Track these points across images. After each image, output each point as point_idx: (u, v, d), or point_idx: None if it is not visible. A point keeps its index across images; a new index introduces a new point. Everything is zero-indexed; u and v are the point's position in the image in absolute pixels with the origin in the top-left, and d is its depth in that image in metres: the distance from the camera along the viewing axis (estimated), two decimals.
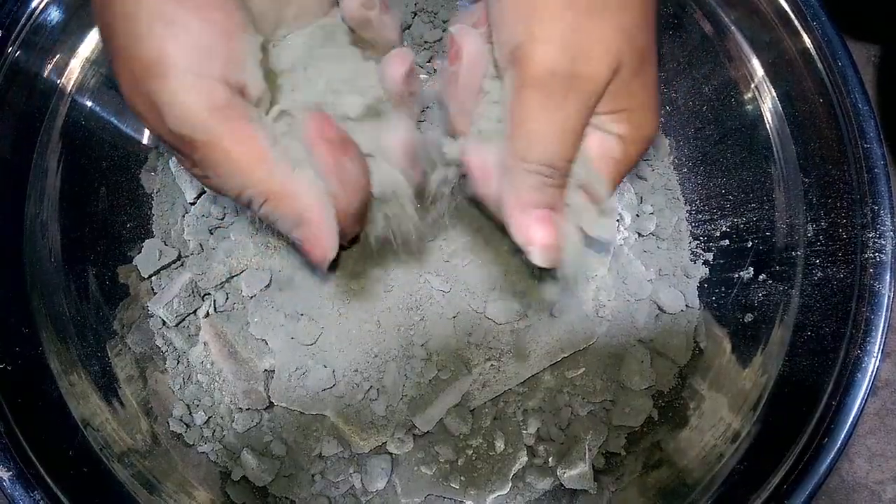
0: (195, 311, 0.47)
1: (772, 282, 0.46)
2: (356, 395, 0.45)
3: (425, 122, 0.49)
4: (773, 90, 0.46)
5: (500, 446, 0.46)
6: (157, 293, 0.47)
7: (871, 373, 0.39)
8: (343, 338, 0.45)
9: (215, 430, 0.46)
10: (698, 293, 0.49)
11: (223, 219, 0.48)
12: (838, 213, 0.43)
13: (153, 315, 0.47)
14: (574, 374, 0.47)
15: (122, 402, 0.45)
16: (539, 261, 0.34)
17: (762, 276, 0.46)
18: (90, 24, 0.45)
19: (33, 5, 0.43)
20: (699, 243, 0.50)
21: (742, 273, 0.47)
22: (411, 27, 0.52)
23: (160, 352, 0.47)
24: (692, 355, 0.48)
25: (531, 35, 0.30)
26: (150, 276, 0.48)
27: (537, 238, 0.33)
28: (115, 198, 0.48)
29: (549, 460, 0.46)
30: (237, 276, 0.47)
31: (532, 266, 0.35)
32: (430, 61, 0.52)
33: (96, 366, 0.44)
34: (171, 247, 0.48)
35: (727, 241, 0.49)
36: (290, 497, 0.45)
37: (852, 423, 0.38)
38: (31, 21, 0.43)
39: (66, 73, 0.45)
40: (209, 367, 0.46)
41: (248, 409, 0.45)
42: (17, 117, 0.43)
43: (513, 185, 0.33)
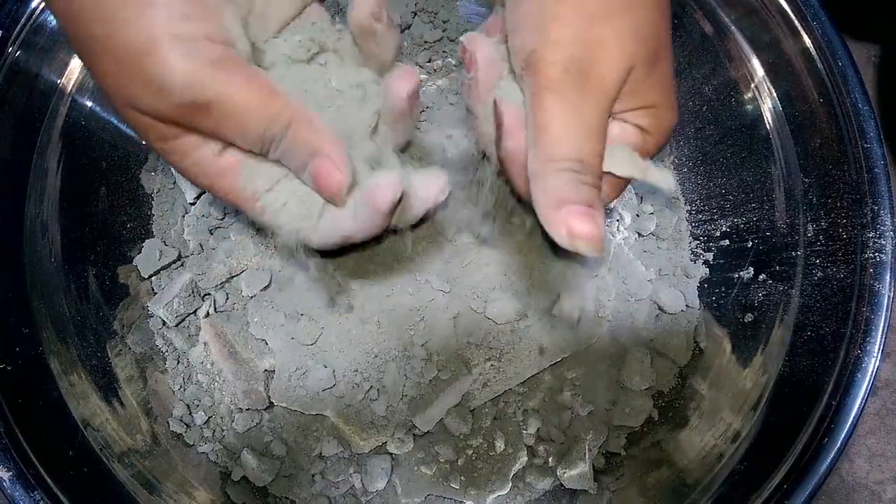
0: (195, 312, 0.47)
1: (772, 282, 0.46)
2: (356, 395, 0.45)
3: (425, 121, 0.49)
4: (773, 90, 0.46)
5: (501, 446, 0.46)
6: (157, 293, 0.47)
7: (871, 373, 0.39)
8: (343, 338, 0.45)
9: (215, 431, 0.46)
10: (698, 293, 0.49)
11: (223, 219, 0.48)
12: (838, 213, 0.43)
13: (153, 315, 0.47)
14: (574, 374, 0.47)
15: (122, 403, 0.45)
16: (589, 253, 0.32)
17: (762, 276, 0.46)
18: None
19: (33, 5, 0.43)
20: (699, 243, 0.50)
21: (742, 273, 0.47)
22: (411, 27, 0.52)
23: (160, 352, 0.47)
24: (692, 355, 0.48)
25: (544, 39, 0.31)
26: (151, 277, 0.48)
27: (582, 231, 0.31)
28: (115, 198, 0.48)
29: (550, 460, 0.46)
30: (237, 277, 0.47)
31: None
32: (430, 61, 0.52)
33: (96, 366, 0.44)
34: (171, 247, 0.48)
35: (727, 241, 0.49)
36: (291, 497, 0.45)
37: (852, 423, 0.38)
38: (32, 21, 0.43)
39: (66, 73, 0.45)
40: (209, 367, 0.46)
41: (248, 410, 0.45)
42: (17, 117, 0.43)
43: (545, 187, 0.32)
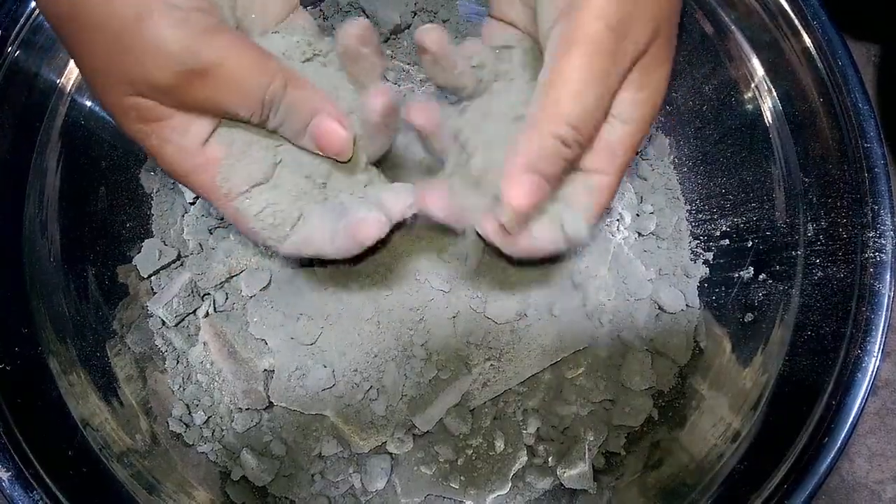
0: (195, 311, 0.47)
1: (772, 281, 0.46)
2: (356, 394, 0.45)
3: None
4: (773, 89, 0.46)
5: (500, 446, 0.46)
6: (156, 293, 0.47)
7: (872, 372, 0.39)
8: (343, 338, 0.45)
9: (215, 430, 0.46)
10: (698, 293, 0.49)
11: (223, 218, 0.48)
12: (838, 212, 0.43)
13: (153, 315, 0.47)
14: (574, 374, 0.47)
15: (121, 402, 0.45)
16: (504, 218, 0.33)
17: (762, 276, 0.46)
18: None
19: (33, 5, 0.42)
20: (699, 243, 0.50)
21: (742, 273, 0.47)
22: (411, 26, 0.52)
23: (160, 352, 0.47)
24: (692, 355, 0.48)
25: None
26: (150, 276, 0.47)
27: (520, 202, 0.32)
28: (114, 197, 0.48)
29: (549, 460, 0.46)
30: (237, 276, 0.47)
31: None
32: None
33: (96, 366, 0.44)
34: (171, 246, 0.48)
35: (727, 241, 0.49)
36: (290, 497, 0.45)
37: (852, 422, 0.38)
38: (31, 21, 0.43)
39: (66, 73, 0.45)
40: (209, 366, 0.46)
41: (247, 409, 0.45)
42: (17, 117, 0.43)
43: (528, 140, 0.32)
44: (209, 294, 0.47)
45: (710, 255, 0.50)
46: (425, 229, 0.45)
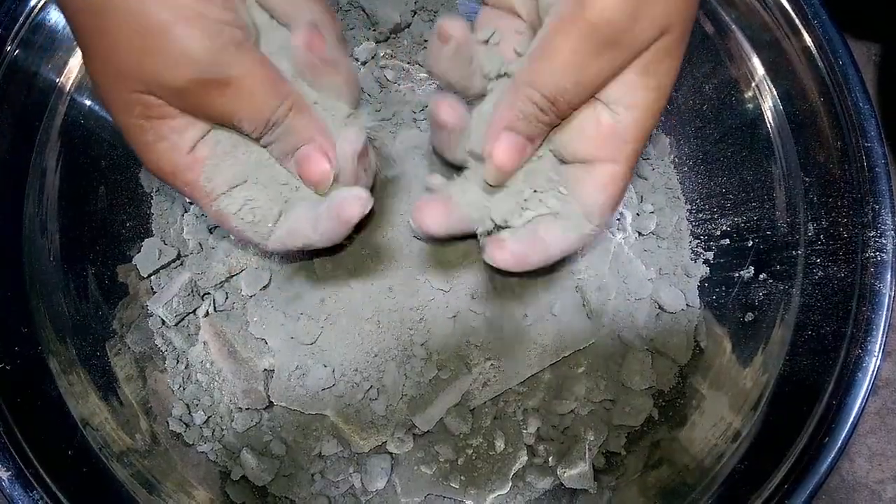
0: (195, 311, 0.47)
1: (772, 281, 0.46)
2: (356, 394, 0.45)
3: (424, 120, 0.49)
4: (773, 89, 0.46)
5: (501, 446, 0.46)
6: (156, 292, 0.47)
7: (872, 372, 0.39)
8: (343, 337, 0.45)
9: (215, 430, 0.46)
10: (699, 292, 0.49)
11: None
12: (839, 212, 0.43)
13: (152, 314, 0.47)
14: (574, 374, 0.47)
15: (121, 402, 0.45)
16: (489, 175, 0.35)
17: (763, 276, 0.46)
18: None
19: (32, 3, 0.42)
20: (699, 242, 0.50)
21: (742, 272, 0.47)
22: (411, 26, 0.52)
23: (159, 351, 0.47)
24: (692, 354, 0.48)
25: None
26: (150, 276, 0.47)
27: (499, 155, 0.34)
28: (114, 197, 0.48)
29: (550, 460, 0.46)
30: (237, 276, 0.47)
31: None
32: None
33: (95, 365, 0.44)
34: (171, 246, 0.48)
35: (728, 240, 0.49)
36: (290, 496, 0.45)
37: (853, 422, 0.38)
38: (30, 20, 0.43)
39: (65, 72, 0.45)
40: (209, 366, 0.46)
41: (247, 409, 0.45)
42: (16, 116, 0.43)
43: (510, 102, 0.33)
44: (209, 293, 0.47)
45: (710, 255, 0.50)
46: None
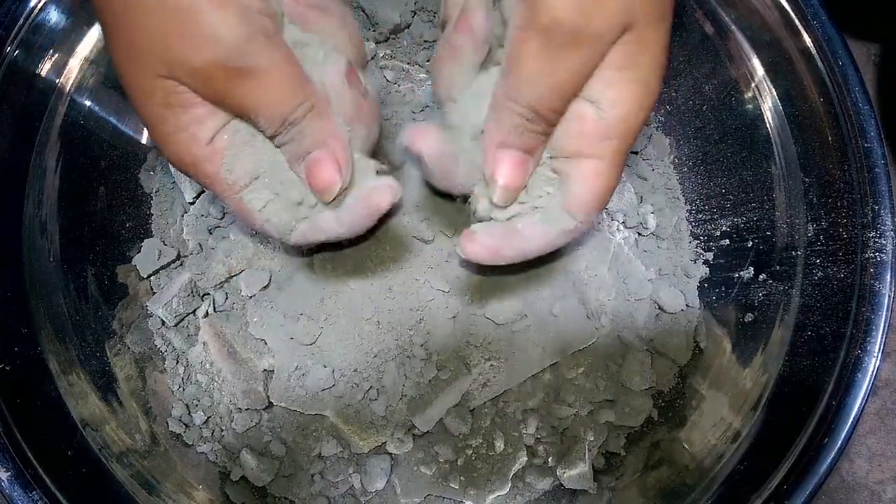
0: (194, 311, 0.47)
1: (772, 281, 0.46)
2: (356, 394, 0.45)
3: (425, 121, 0.49)
4: (773, 89, 0.46)
5: (500, 446, 0.46)
6: (156, 293, 0.47)
7: (872, 373, 0.39)
8: (343, 338, 0.45)
9: (214, 430, 0.46)
10: (698, 293, 0.49)
11: (222, 218, 0.48)
12: (839, 212, 0.42)
13: (152, 315, 0.47)
14: (574, 374, 0.47)
15: (121, 402, 0.45)
16: (497, 198, 0.35)
17: (762, 276, 0.46)
18: (89, 23, 0.45)
19: (32, 4, 0.42)
20: (699, 243, 0.50)
21: (742, 273, 0.47)
22: (411, 26, 0.52)
23: (159, 352, 0.47)
24: (692, 355, 0.48)
25: None
26: (150, 276, 0.47)
27: (503, 177, 0.34)
28: (114, 197, 0.48)
29: (549, 460, 0.46)
30: (236, 276, 0.47)
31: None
32: (429, 60, 0.52)
33: (95, 366, 0.44)
34: (171, 246, 0.48)
35: (727, 241, 0.49)
36: (290, 497, 0.45)
37: (853, 422, 0.38)
38: (30, 20, 0.43)
39: (65, 73, 0.45)
40: (208, 367, 0.46)
41: (247, 409, 0.45)
42: (16, 116, 0.43)
43: (497, 120, 0.33)
44: (209, 294, 0.47)
45: (710, 255, 0.50)
46: (426, 230, 0.45)
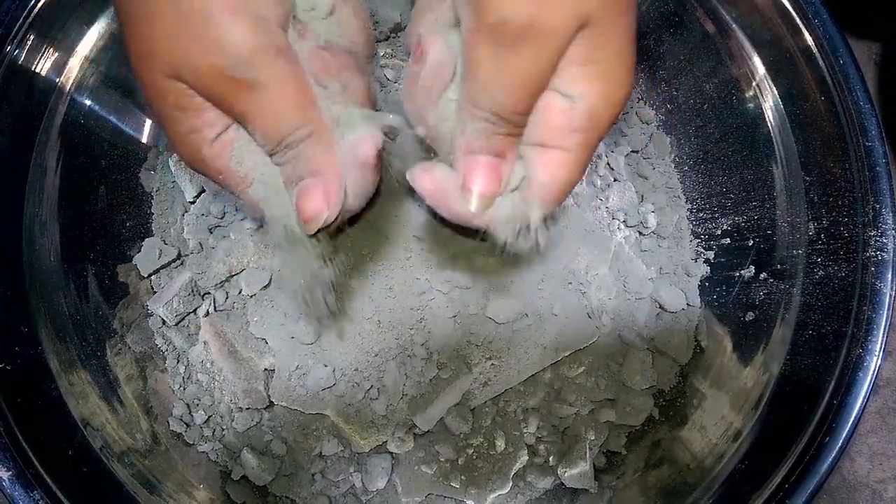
0: (195, 311, 0.47)
1: (773, 280, 0.46)
2: (356, 394, 0.45)
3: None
4: (774, 88, 0.46)
5: (501, 445, 0.46)
6: (156, 292, 0.47)
7: (873, 372, 0.39)
8: (343, 337, 0.45)
9: (215, 430, 0.46)
10: (699, 291, 0.49)
11: (223, 218, 0.48)
12: (840, 211, 0.42)
13: (153, 314, 0.47)
14: (575, 373, 0.47)
15: (121, 402, 0.45)
16: (473, 207, 0.33)
17: (763, 275, 0.46)
18: (89, 22, 0.45)
19: (32, 3, 0.42)
20: (700, 242, 0.50)
21: (743, 271, 0.47)
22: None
23: (160, 351, 0.47)
24: (693, 354, 0.48)
25: None
26: (150, 275, 0.47)
27: (476, 185, 0.33)
28: (114, 196, 0.48)
29: (550, 459, 0.46)
30: (237, 275, 0.47)
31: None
32: None
33: (96, 365, 0.44)
34: (171, 246, 0.48)
35: (728, 240, 0.49)
36: (291, 496, 0.45)
37: (854, 422, 0.38)
38: (30, 19, 0.43)
39: (66, 72, 0.45)
40: (209, 366, 0.46)
41: (248, 409, 0.45)
42: (16, 116, 0.43)
43: (463, 127, 0.32)
44: (209, 293, 0.47)
45: (710, 254, 0.50)
46: (426, 230, 0.45)
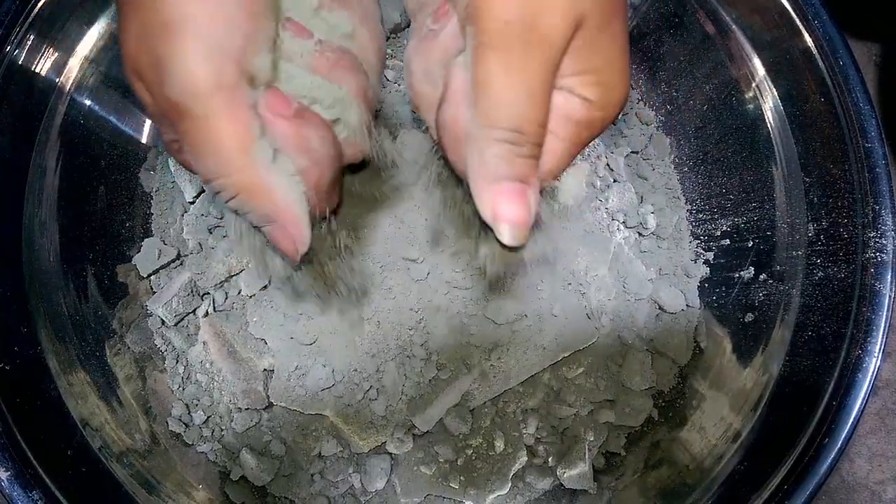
0: (194, 311, 0.47)
1: (772, 281, 0.46)
2: (356, 394, 0.45)
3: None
4: (774, 89, 0.46)
5: (500, 446, 0.46)
6: (156, 292, 0.47)
7: (872, 373, 0.39)
8: (342, 337, 0.45)
9: (214, 430, 0.46)
10: (699, 293, 0.49)
11: (222, 218, 0.48)
12: (839, 212, 0.42)
13: (152, 314, 0.47)
14: (574, 374, 0.47)
15: (120, 402, 0.45)
16: (508, 239, 0.31)
17: (763, 276, 0.46)
18: (89, 23, 0.45)
19: (32, 3, 0.42)
20: (700, 243, 0.50)
21: (743, 273, 0.47)
22: (411, 25, 0.52)
23: (159, 351, 0.47)
24: (692, 355, 0.48)
25: None
26: (150, 276, 0.47)
27: (507, 214, 0.30)
28: (113, 197, 0.48)
29: (549, 460, 0.46)
30: (236, 276, 0.47)
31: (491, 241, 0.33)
32: None
33: (95, 365, 0.44)
34: (171, 246, 0.48)
35: (728, 241, 0.49)
36: (290, 497, 0.45)
37: (853, 423, 0.38)
38: (30, 19, 0.43)
39: (65, 72, 0.45)
40: (208, 366, 0.46)
41: (247, 409, 0.45)
42: (16, 116, 0.43)
43: (480, 155, 0.30)
44: (209, 293, 0.47)
45: (710, 255, 0.50)
46: (427, 229, 0.45)
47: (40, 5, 0.43)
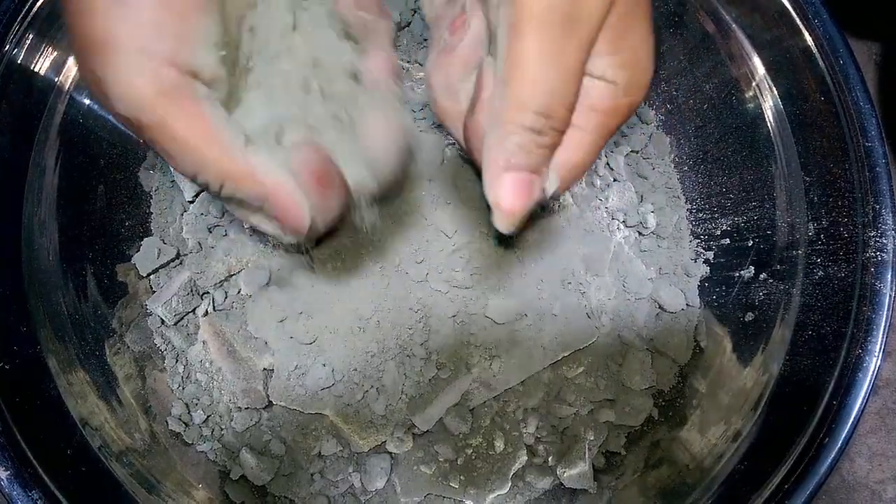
0: (194, 310, 0.47)
1: (773, 281, 0.46)
2: (356, 394, 0.45)
3: (423, 119, 0.49)
4: (774, 88, 0.46)
5: (500, 445, 0.46)
6: (155, 292, 0.47)
7: (873, 372, 0.39)
8: (342, 337, 0.45)
9: (214, 429, 0.46)
10: (699, 292, 0.49)
11: (222, 217, 0.48)
12: (839, 211, 0.42)
13: (152, 314, 0.47)
14: (574, 374, 0.47)
15: (120, 401, 0.45)
16: (501, 225, 0.32)
17: (763, 275, 0.46)
18: None
19: (31, 2, 0.42)
20: (700, 242, 0.50)
21: (743, 272, 0.47)
22: (411, 24, 0.52)
23: (159, 350, 0.47)
24: (692, 354, 0.48)
25: None
26: (149, 275, 0.47)
27: (507, 202, 0.31)
28: (113, 196, 0.47)
29: (549, 459, 0.46)
30: (236, 275, 0.47)
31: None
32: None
33: (95, 364, 0.44)
34: (170, 245, 0.48)
35: (728, 240, 0.49)
36: (290, 496, 0.45)
37: (853, 422, 0.38)
38: (30, 18, 0.43)
39: (65, 71, 0.45)
40: (208, 365, 0.46)
41: (247, 408, 0.45)
42: (15, 115, 0.43)
43: (500, 140, 0.30)
44: (208, 293, 0.47)
45: (710, 255, 0.50)
46: (426, 229, 0.45)
47: (39, 4, 0.43)
